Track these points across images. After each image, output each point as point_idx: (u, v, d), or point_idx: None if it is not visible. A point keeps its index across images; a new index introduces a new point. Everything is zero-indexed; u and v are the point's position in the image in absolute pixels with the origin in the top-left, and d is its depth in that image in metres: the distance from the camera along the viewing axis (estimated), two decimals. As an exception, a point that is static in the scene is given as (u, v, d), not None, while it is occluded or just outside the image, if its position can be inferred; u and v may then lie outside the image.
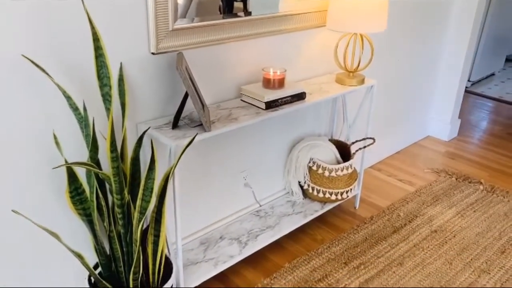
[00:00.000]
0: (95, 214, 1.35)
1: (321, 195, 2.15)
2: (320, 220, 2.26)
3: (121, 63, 1.43)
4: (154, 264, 1.49)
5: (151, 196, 1.32)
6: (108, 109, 1.18)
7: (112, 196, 1.34)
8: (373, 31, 1.89)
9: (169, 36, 1.51)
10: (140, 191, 1.31)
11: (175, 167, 1.38)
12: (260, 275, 1.90)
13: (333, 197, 2.15)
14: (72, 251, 1.30)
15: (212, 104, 1.76)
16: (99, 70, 1.13)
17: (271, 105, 1.71)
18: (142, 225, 1.36)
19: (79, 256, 1.35)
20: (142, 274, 1.49)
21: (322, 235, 2.17)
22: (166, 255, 1.63)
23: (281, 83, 1.77)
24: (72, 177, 1.30)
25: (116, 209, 1.32)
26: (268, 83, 1.77)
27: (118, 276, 1.47)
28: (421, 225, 2.25)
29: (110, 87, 1.13)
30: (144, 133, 1.33)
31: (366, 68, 2.07)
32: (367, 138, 2.21)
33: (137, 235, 1.35)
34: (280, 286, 1.82)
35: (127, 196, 1.37)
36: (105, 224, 1.38)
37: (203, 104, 1.58)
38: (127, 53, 1.44)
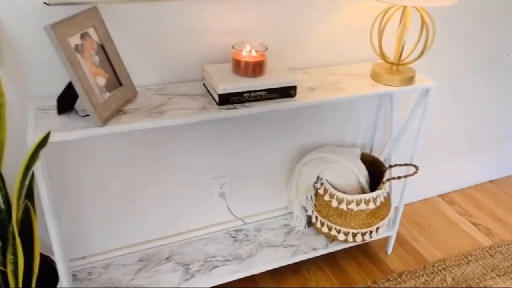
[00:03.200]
0: None
1: (325, 229, 1.54)
2: (326, 259, 1.66)
3: (-8, 13, 1.02)
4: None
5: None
6: None
7: None
8: (436, 4, 1.17)
9: (72, -20, 1.04)
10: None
11: (23, 178, 0.95)
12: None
13: (341, 236, 1.52)
14: None
15: (159, 84, 1.26)
16: None
17: (229, 99, 1.15)
18: None
19: None
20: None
21: (318, 281, 1.58)
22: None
23: (257, 68, 1.19)
24: None
25: None
26: (238, 67, 1.20)
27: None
28: (472, 305, 1.52)
29: None
30: None
31: (421, 58, 1.33)
32: (410, 164, 1.51)
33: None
34: None
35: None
36: None
37: (119, 83, 1.11)
38: (6, -1, 1.02)
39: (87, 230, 1.42)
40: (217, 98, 1.15)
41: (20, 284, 1.11)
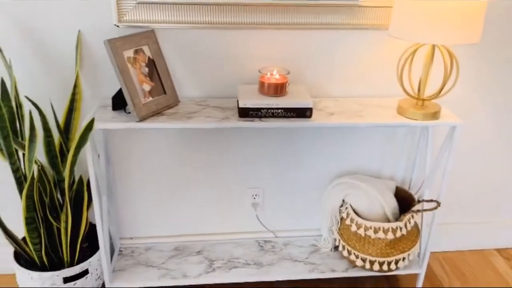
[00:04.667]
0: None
1: (346, 253, 1.60)
2: (350, 283, 1.70)
3: (79, 31, 1.36)
4: (66, 243, 1.41)
5: (30, 171, 1.23)
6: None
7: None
8: (459, 42, 1.24)
9: (136, 8, 1.34)
10: (26, 160, 1.24)
11: (74, 154, 1.25)
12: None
13: (359, 262, 1.56)
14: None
15: (201, 97, 1.50)
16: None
17: (248, 113, 1.34)
18: (30, 192, 1.27)
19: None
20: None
21: (335, 304, 1.63)
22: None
23: (278, 89, 1.36)
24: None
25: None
26: (262, 88, 1.39)
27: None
28: None
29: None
30: (37, 107, 1.24)
31: (447, 93, 1.37)
32: (433, 200, 1.51)
33: (24, 203, 1.28)
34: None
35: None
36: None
37: (163, 91, 1.37)
38: (89, 21, 1.36)
39: (138, 215, 1.69)
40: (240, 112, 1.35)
41: (69, 240, 1.40)
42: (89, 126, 1.22)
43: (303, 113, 1.35)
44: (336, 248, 1.70)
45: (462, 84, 1.58)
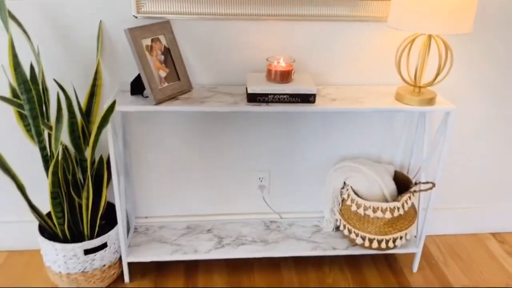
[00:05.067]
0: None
1: (346, 232, 1.70)
2: (350, 262, 1.80)
3: (100, 21, 1.47)
4: (87, 218, 1.52)
5: (56, 149, 1.35)
6: None
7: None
8: (452, 32, 1.34)
9: (153, 0, 1.45)
10: (53, 139, 1.36)
11: (96, 134, 1.37)
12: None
13: (359, 240, 1.67)
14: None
15: (212, 84, 1.61)
16: None
17: (256, 98, 1.45)
18: (55, 169, 1.39)
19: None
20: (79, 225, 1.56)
21: (336, 280, 1.73)
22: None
23: (284, 76, 1.47)
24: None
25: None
26: (269, 75, 1.49)
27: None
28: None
29: None
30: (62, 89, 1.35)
31: (442, 81, 1.47)
32: (429, 182, 1.60)
33: (50, 179, 1.40)
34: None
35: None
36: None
37: (178, 78, 1.48)
38: (109, 12, 1.47)
39: (152, 196, 1.80)
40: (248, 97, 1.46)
41: (89, 215, 1.51)
42: (111, 108, 1.34)
43: (307, 98, 1.45)
44: (337, 228, 1.81)
45: (456, 72, 1.67)
